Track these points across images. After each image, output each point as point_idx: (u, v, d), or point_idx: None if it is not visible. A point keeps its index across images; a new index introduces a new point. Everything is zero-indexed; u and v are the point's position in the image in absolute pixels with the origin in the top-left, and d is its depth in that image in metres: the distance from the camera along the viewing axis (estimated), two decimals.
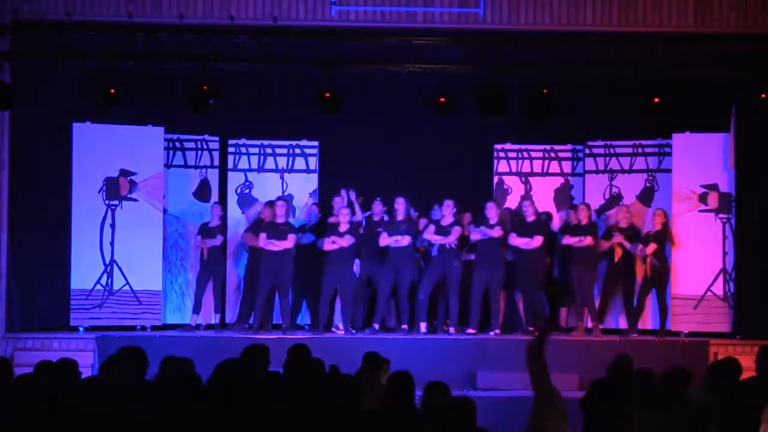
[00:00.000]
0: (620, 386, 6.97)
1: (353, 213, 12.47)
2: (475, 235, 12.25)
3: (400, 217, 12.31)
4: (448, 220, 12.29)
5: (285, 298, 12.29)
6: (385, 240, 12.29)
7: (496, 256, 12.26)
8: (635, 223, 12.74)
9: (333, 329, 12.43)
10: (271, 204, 12.62)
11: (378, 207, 12.60)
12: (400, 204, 12.29)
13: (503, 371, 11.44)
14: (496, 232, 12.17)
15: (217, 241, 12.57)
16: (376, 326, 12.30)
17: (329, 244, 12.21)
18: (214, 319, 12.75)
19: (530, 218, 12.43)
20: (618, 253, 12.52)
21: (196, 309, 12.60)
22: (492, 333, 12.24)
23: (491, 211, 12.30)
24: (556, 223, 13.09)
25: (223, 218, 12.73)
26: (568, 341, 12.12)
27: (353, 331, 12.19)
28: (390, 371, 6.47)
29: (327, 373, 6.63)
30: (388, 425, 5.44)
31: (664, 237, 12.43)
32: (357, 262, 12.41)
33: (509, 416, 9.73)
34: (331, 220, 12.54)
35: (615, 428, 6.57)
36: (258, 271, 12.28)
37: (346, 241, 12.18)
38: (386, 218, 12.52)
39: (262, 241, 12.21)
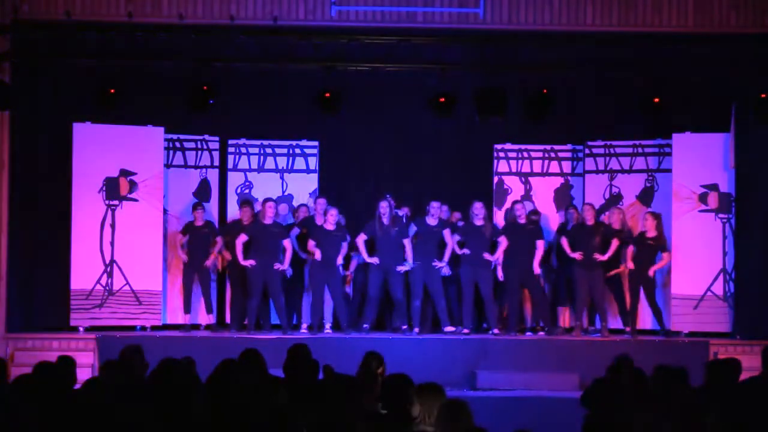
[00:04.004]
0: (620, 386, 6.97)
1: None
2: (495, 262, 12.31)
3: (385, 221, 12.24)
4: (434, 221, 12.26)
5: (277, 299, 12.27)
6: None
7: (482, 255, 12.24)
8: (629, 225, 12.78)
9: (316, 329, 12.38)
10: (249, 203, 12.58)
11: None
12: (384, 207, 12.23)
13: (503, 371, 11.47)
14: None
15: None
16: (366, 326, 12.27)
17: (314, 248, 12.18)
18: (208, 319, 12.71)
19: (523, 220, 12.40)
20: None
21: (187, 309, 12.59)
22: (492, 333, 12.24)
23: (480, 211, 12.29)
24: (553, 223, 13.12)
25: (207, 220, 12.70)
26: (568, 341, 12.14)
27: (350, 331, 12.19)
28: (389, 371, 6.46)
29: (324, 373, 6.63)
30: (386, 426, 5.44)
31: (643, 238, 12.40)
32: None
33: (509, 416, 9.74)
34: (319, 221, 12.46)
35: (615, 428, 6.57)
36: (247, 273, 12.24)
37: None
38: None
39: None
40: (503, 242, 12.27)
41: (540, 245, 12.34)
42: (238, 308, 12.51)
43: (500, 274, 12.29)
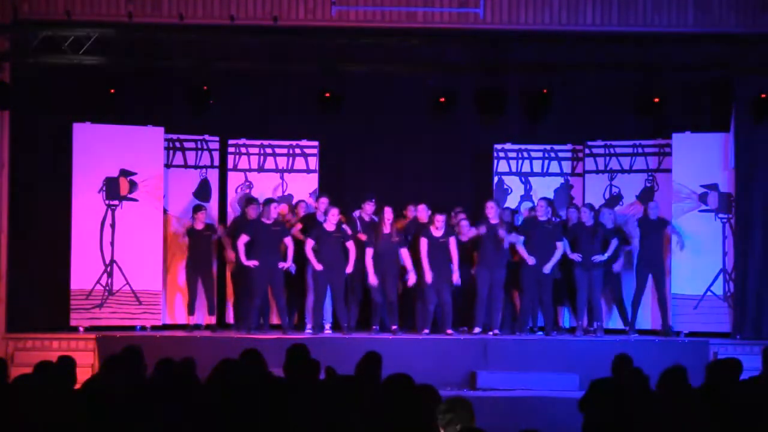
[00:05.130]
0: (620, 386, 6.97)
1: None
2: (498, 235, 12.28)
3: (386, 229, 12.25)
4: (440, 233, 12.23)
5: (279, 299, 12.28)
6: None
7: (498, 257, 12.26)
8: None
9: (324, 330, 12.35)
10: (253, 201, 12.57)
11: (370, 207, 12.57)
12: (389, 214, 12.24)
13: (503, 371, 11.46)
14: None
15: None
16: (376, 327, 12.29)
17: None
18: (210, 319, 12.70)
19: (543, 218, 12.42)
20: None
21: (192, 310, 12.59)
22: (491, 333, 12.24)
23: (491, 211, 12.30)
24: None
25: (208, 223, 12.69)
26: (568, 341, 12.13)
27: (348, 331, 12.18)
28: (389, 371, 6.46)
29: (326, 375, 6.63)
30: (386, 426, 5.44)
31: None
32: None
33: (509, 416, 9.75)
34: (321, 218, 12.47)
35: (615, 428, 6.58)
36: (252, 273, 12.24)
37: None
38: (376, 219, 12.47)
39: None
40: (519, 239, 12.27)
41: (559, 246, 12.34)
42: (243, 309, 12.52)
43: (529, 260, 12.26)
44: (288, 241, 12.25)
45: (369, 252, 12.20)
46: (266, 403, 5.71)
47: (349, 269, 12.24)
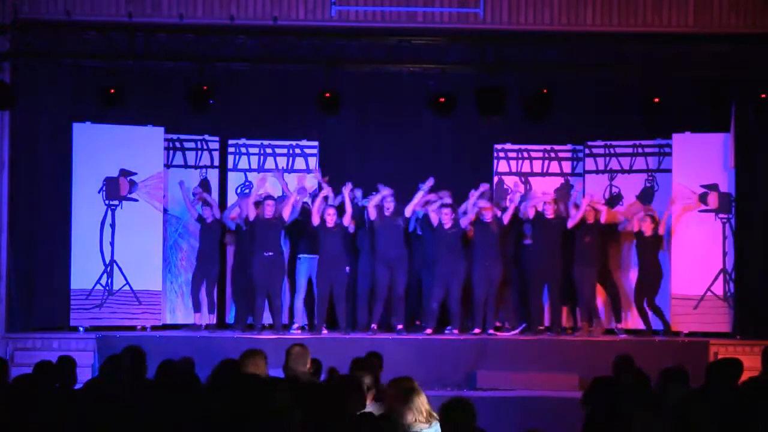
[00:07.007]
0: (621, 386, 6.97)
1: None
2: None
3: (388, 213, 12.30)
4: (448, 224, 12.26)
5: (277, 299, 12.29)
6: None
7: (493, 254, 12.27)
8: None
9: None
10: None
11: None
12: (389, 201, 12.32)
13: (503, 371, 11.46)
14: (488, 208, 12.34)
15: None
16: (374, 326, 12.29)
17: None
18: (209, 318, 12.71)
19: (551, 215, 12.45)
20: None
21: (197, 308, 12.60)
22: (489, 332, 12.23)
23: (487, 210, 12.33)
24: None
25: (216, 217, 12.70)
26: (568, 341, 12.14)
27: (350, 331, 12.19)
28: (389, 372, 6.46)
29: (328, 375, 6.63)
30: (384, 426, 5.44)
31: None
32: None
33: (509, 416, 9.76)
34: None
35: (615, 428, 6.58)
36: (251, 272, 12.26)
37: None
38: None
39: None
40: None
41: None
42: (243, 308, 12.52)
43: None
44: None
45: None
46: (267, 403, 5.71)
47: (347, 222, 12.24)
